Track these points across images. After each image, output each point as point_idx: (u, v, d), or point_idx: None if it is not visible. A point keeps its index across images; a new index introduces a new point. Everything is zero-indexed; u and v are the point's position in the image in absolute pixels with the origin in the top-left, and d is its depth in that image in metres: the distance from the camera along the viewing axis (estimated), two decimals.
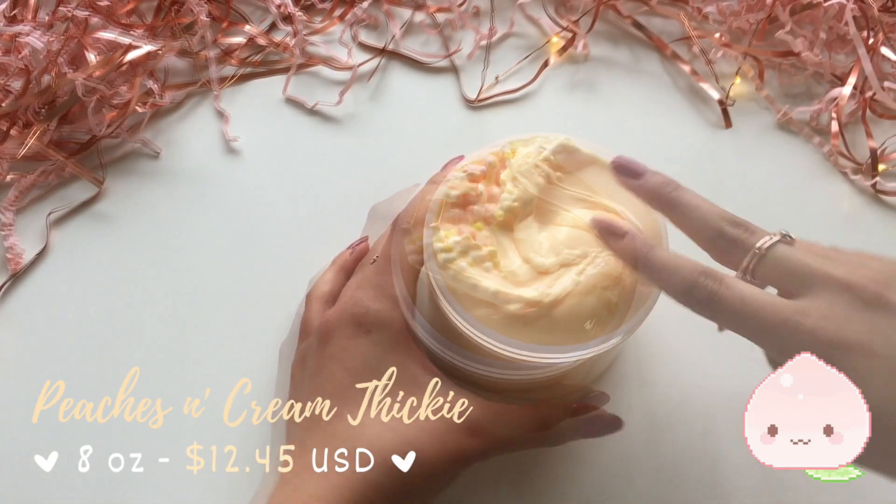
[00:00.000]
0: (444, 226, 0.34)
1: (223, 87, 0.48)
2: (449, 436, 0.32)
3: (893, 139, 0.47)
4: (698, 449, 0.39)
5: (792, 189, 0.46)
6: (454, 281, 0.32)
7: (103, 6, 0.47)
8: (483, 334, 0.32)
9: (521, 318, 0.32)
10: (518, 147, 0.36)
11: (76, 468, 0.38)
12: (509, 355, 0.32)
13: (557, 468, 0.38)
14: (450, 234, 0.33)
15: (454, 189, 0.34)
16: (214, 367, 0.41)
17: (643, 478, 0.38)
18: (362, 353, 0.34)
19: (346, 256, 0.41)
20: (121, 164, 0.46)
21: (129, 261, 0.43)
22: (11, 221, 0.44)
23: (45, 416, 0.39)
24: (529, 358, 0.32)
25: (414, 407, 0.32)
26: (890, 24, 0.49)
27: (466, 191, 0.34)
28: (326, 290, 0.40)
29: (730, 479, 0.38)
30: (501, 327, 0.32)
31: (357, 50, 0.50)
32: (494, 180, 0.35)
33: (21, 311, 0.42)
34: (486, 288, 0.32)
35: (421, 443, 0.32)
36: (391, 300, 0.34)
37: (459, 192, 0.34)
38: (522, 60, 0.50)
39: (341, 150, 0.47)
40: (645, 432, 0.39)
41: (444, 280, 0.32)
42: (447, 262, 0.33)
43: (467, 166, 0.35)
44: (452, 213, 0.34)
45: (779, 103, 0.48)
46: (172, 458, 0.38)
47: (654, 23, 0.51)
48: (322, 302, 0.39)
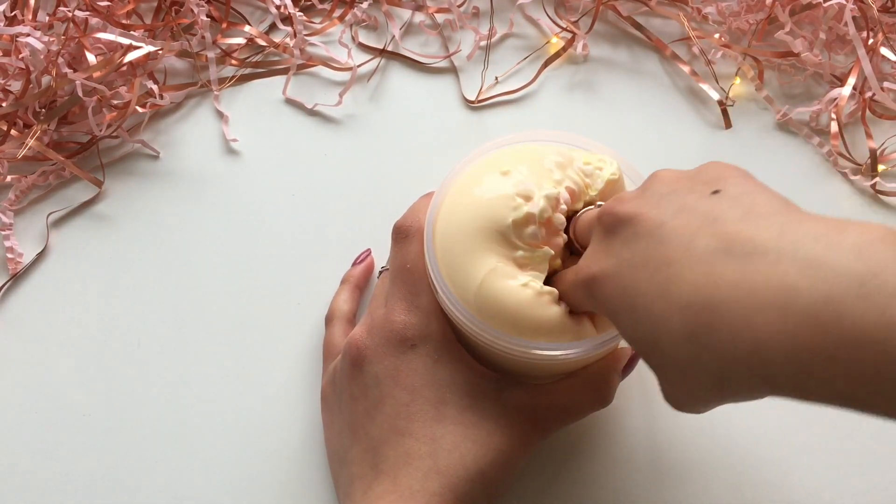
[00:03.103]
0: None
1: (223, 88, 0.48)
2: (517, 429, 0.33)
3: (893, 139, 0.47)
4: (698, 449, 0.39)
5: (791, 189, 0.45)
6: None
7: (103, 7, 0.47)
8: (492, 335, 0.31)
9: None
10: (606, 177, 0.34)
11: (76, 469, 0.38)
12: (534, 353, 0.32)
13: (557, 468, 0.38)
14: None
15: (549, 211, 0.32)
16: (215, 368, 0.41)
17: (643, 478, 0.38)
18: (415, 368, 0.33)
19: (356, 273, 0.41)
20: (120, 165, 0.46)
21: (128, 262, 0.43)
22: (11, 222, 0.44)
23: (45, 416, 0.40)
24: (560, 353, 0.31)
25: (484, 409, 0.33)
26: (889, 24, 0.49)
27: (557, 222, 0.32)
28: (346, 309, 0.40)
29: (730, 478, 0.38)
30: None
31: (356, 51, 0.50)
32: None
33: (21, 311, 0.42)
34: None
35: (498, 444, 0.32)
36: (423, 310, 0.34)
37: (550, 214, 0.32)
38: (522, 61, 0.50)
39: (341, 150, 0.47)
40: (645, 432, 0.39)
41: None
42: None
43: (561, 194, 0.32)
44: (532, 229, 0.31)
45: (778, 104, 0.48)
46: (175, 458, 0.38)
47: (654, 23, 0.51)
48: (345, 322, 0.39)
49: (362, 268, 0.42)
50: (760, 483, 0.38)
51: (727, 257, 0.23)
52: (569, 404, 0.34)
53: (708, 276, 0.23)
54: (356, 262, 0.42)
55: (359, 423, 0.34)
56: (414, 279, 0.34)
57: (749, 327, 0.22)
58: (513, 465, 0.33)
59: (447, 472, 0.31)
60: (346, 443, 0.34)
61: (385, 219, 0.37)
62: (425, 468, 0.31)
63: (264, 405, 0.40)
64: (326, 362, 0.39)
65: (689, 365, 0.24)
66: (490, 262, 0.31)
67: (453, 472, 0.31)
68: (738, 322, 0.22)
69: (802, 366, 0.21)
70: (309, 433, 0.39)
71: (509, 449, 0.32)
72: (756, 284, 0.22)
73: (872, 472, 0.38)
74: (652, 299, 0.24)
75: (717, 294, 0.23)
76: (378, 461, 0.32)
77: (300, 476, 0.38)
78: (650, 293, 0.24)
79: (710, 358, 0.23)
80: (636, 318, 0.25)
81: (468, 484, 0.31)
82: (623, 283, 0.26)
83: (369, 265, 0.42)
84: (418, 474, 0.31)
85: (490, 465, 0.32)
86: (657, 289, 0.24)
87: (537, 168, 0.33)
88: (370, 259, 0.42)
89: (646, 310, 0.25)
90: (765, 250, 0.22)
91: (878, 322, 0.20)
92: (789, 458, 0.38)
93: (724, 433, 0.39)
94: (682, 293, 0.23)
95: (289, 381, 0.40)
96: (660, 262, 0.24)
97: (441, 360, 0.33)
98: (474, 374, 0.33)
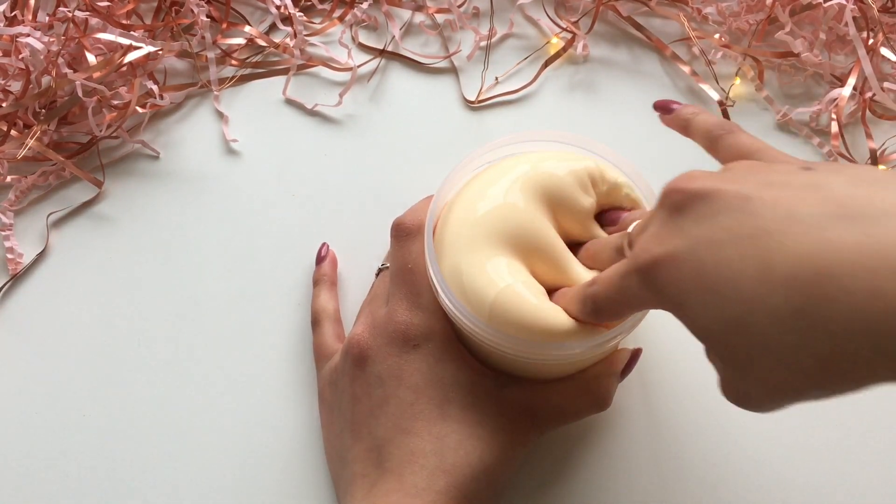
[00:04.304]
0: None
1: (223, 88, 0.48)
2: (517, 425, 0.33)
3: (893, 140, 0.47)
4: (698, 449, 0.39)
5: None
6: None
7: (103, 7, 0.47)
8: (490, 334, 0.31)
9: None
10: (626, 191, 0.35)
11: (76, 469, 0.38)
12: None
13: (557, 468, 0.38)
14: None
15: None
16: (215, 368, 0.41)
17: (643, 477, 0.38)
18: (418, 368, 0.33)
19: (326, 270, 0.41)
20: (120, 166, 0.46)
21: (128, 262, 0.43)
22: (11, 222, 0.44)
23: (45, 416, 0.40)
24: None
25: (485, 409, 0.33)
26: (890, 24, 0.49)
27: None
28: (331, 308, 0.40)
29: (731, 478, 0.38)
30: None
31: (356, 51, 0.50)
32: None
33: (21, 312, 0.42)
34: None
35: (501, 441, 0.32)
36: (426, 310, 0.34)
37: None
38: (522, 61, 0.50)
39: (341, 151, 0.47)
40: (645, 432, 0.39)
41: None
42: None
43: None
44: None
45: (778, 104, 0.48)
46: (176, 456, 0.38)
47: (654, 24, 0.51)
48: (332, 322, 0.39)
49: (328, 263, 0.42)
50: (761, 483, 0.38)
51: (843, 221, 0.20)
52: (565, 406, 0.34)
53: (821, 242, 0.20)
54: (320, 260, 0.42)
55: (361, 423, 0.34)
56: (415, 279, 0.34)
57: (875, 295, 0.19)
58: (514, 461, 0.33)
59: (453, 471, 0.31)
60: (348, 442, 0.34)
61: (385, 219, 0.37)
62: (431, 466, 0.31)
63: (264, 405, 0.40)
64: (320, 364, 0.39)
65: (791, 348, 0.21)
66: (500, 267, 0.31)
67: (458, 470, 0.31)
68: (862, 290, 0.19)
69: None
70: (308, 433, 0.39)
71: (510, 446, 0.33)
72: (885, 247, 0.19)
73: (874, 473, 0.38)
74: (742, 276, 0.21)
75: (836, 260, 0.20)
76: (382, 460, 0.32)
77: (298, 476, 0.38)
78: (740, 270, 0.21)
79: (821, 336, 0.20)
80: (719, 302, 0.22)
81: (473, 482, 0.32)
82: (699, 263, 0.22)
83: (333, 258, 0.42)
84: (424, 472, 0.31)
85: (494, 463, 0.32)
86: (751, 263, 0.21)
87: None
88: (331, 252, 0.42)
89: (734, 290, 0.21)
90: (887, 212, 0.20)
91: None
92: (791, 459, 0.38)
93: (725, 434, 0.39)
94: (788, 264, 0.20)
95: (288, 381, 0.40)
96: (752, 235, 0.21)
97: (444, 359, 0.33)
98: (475, 372, 0.34)
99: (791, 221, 0.21)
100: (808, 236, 0.20)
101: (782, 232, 0.21)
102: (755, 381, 0.22)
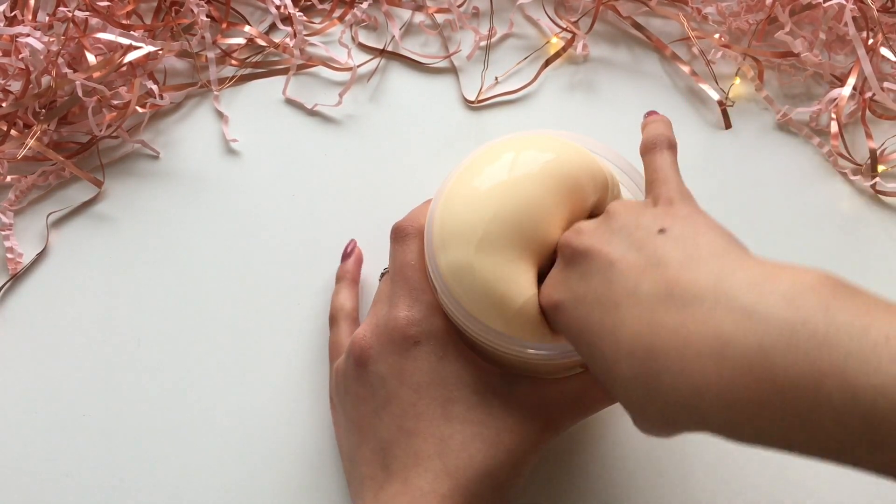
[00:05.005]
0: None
1: (223, 88, 0.48)
2: (527, 426, 0.32)
3: (893, 140, 0.47)
4: (698, 448, 0.39)
5: (791, 190, 0.46)
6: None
7: (103, 7, 0.47)
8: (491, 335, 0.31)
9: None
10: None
11: (76, 469, 0.38)
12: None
13: (557, 467, 0.38)
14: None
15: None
16: (215, 368, 0.41)
17: (643, 477, 0.38)
18: (419, 366, 0.33)
19: (349, 267, 0.41)
20: (120, 166, 0.46)
21: (128, 262, 0.43)
22: (11, 222, 0.44)
23: (45, 416, 0.40)
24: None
25: (491, 409, 0.32)
26: (889, 24, 0.49)
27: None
28: (349, 307, 0.40)
29: (731, 478, 0.38)
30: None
31: (356, 51, 0.50)
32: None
33: (21, 312, 0.42)
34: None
35: (508, 443, 0.32)
36: (426, 307, 0.33)
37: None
38: (522, 61, 0.50)
39: (341, 150, 0.47)
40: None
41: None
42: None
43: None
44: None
45: (778, 104, 0.48)
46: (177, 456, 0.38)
47: (654, 23, 0.51)
48: (349, 320, 0.39)
49: (353, 261, 0.41)
50: (761, 483, 0.38)
51: (667, 304, 0.24)
52: (580, 397, 0.33)
53: (650, 324, 0.24)
54: (345, 256, 0.42)
55: (366, 423, 0.33)
56: (415, 277, 0.34)
57: (686, 375, 0.22)
58: (523, 465, 0.32)
59: (457, 474, 0.31)
60: (355, 442, 0.34)
61: (385, 219, 0.37)
62: (435, 469, 0.31)
63: (264, 405, 0.40)
64: (333, 362, 0.38)
65: (640, 402, 0.24)
66: (523, 272, 0.31)
67: (463, 473, 0.31)
68: (677, 370, 0.23)
69: (738, 414, 0.22)
70: (311, 434, 0.39)
71: (519, 448, 0.32)
72: (692, 334, 0.23)
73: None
74: (603, 341, 0.26)
75: (658, 342, 0.23)
76: (388, 462, 0.32)
77: (307, 476, 0.38)
78: (600, 334, 0.26)
79: (657, 399, 0.24)
80: (592, 355, 0.26)
81: (478, 485, 0.31)
82: (579, 319, 0.27)
83: (359, 256, 0.42)
84: (428, 475, 0.31)
85: (500, 465, 0.31)
86: (607, 331, 0.25)
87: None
88: (358, 250, 0.42)
89: (599, 350, 0.26)
90: (702, 298, 0.23)
91: (808, 371, 0.20)
92: (792, 459, 0.38)
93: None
94: (628, 339, 0.24)
95: (288, 381, 0.40)
96: (609, 305, 0.26)
97: (446, 356, 0.33)
98: (480, 370, 0.33)
99: (633, 300, 0.25)
100: (642, 318, 0.24)
101: (626, 308, 0.25)
102: (635, 419, 0.26)
